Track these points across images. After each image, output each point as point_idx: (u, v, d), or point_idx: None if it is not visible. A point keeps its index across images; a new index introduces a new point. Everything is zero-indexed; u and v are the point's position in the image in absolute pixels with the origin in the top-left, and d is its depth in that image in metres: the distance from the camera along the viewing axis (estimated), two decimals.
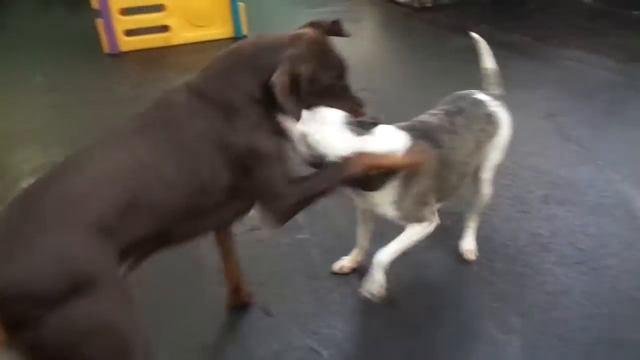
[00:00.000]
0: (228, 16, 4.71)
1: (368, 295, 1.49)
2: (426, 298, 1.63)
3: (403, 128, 1.50)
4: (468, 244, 1.79)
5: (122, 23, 4.43)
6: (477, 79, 1.80)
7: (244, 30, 4.81)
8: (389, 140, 1.42)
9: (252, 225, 2.02)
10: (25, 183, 2.32)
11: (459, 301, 1.61)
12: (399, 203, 1.46)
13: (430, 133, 1.52)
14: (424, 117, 1.61)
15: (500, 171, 1.96)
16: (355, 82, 1.40)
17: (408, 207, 1.48)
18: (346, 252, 1.83)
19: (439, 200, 1.58)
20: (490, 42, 1.78)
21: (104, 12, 4.31)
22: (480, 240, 1.83)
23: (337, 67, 1.34)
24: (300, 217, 2.02)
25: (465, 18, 2.66)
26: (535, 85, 3.05)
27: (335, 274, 1.74)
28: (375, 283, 1.47)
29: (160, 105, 1.28)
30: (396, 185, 1.44)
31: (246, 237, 1.96)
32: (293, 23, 2.56)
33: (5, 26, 5.72)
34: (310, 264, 1.82)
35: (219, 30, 4.76)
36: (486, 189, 1.75)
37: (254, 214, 1.37)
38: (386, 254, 1.48)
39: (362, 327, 1.56)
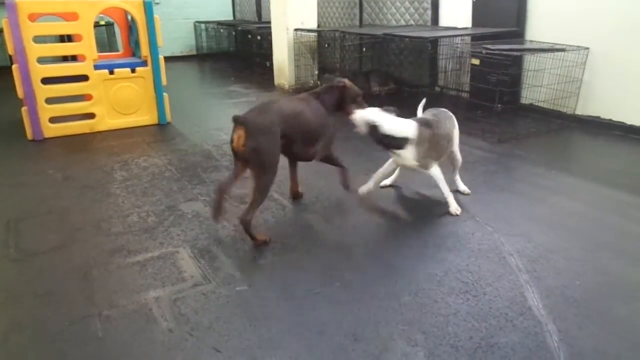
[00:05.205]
0: (153, 105, 5.04)
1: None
2: (350, 325, 1.98)
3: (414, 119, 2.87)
4: (462, 187, 3.20)
5: (47, 111, 4.59)
6: (375, 157, 2.31)
7: (168, 117, 5.16)
8: (405, 122, 2.78)
9: (195, 282, 2.31)
10: None
11: (376, 327, 1.97)
12: (416, 157, 2.80)
13: (427, 122, 2.87)
14: (422, 116, 3.05)
15: (401, 228, 2.50)
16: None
17: (422, 160, 2.83)
18: (280, 299, 2.17)
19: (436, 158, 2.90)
20: None
21: (29, 101, 4.49)
22: (390, 281, 2.26)
23: (358, 93, 3.00)
24: (237, 272, 2.36)
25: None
26: None
27: (279, 317, 2.06)
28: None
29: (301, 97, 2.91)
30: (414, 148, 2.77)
31: (192, 291, 2.23)
32: (212, 112, 2.99)
33: None
34: (250, 310, 2.10)
35: (144, 117, 5.05)
36: (459, 156, 3.18)
37: None
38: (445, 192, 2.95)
39: (300, 352, 1.86)
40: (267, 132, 2.53)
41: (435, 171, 2.91)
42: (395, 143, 2.76)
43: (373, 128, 2.71)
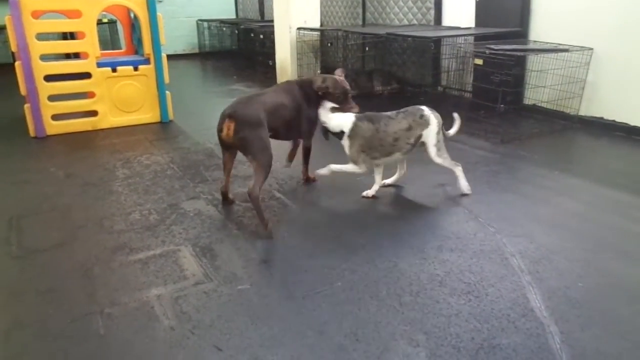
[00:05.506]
0: (156, 103, 5.04)
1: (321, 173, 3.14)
2: (351, 324, 1.98)
3: (357, 115, 3.04)
4: (463, 185, 3.13)
5: (50, 108, 4.59)
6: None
7: (170, 115, 5.16)
8: (342, 117, 3.01)
9: (197, 280, 2.31)
10: None
11: (377, 327, 1.97)
12: (348, 148, 3.01)
13: (375, 117, 2.99)
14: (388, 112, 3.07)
15: (403, 228, 2.54)
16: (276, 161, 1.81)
17: (352, 152, 3.00)
18: (281, 298, 2.17)
19: (375, 157, 3.02)
20: None
21: (31, 98, 4.49)
22: (391, 281, 2.26)
23: (343, 89, 3.10)
24: (239, 270, 2.36)
25: (369, 108, 3.28)
26: (428, 162, 3.63)
27: (280, 316, 2.06)
28: (324, 172, 3.12)
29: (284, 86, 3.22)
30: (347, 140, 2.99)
31: (194, 289, 2.23)
32: (214, 110, 3.04)
33: None
34: (251, 308, 2.10)
35: (147, 115, 5.05)
36: (437, 159, 3.05)
37: None
38: (331, 168, 3.09)
39: (302, 351, 1.86)
40: (255, 124, 2.78)
41: (352, 167, 3.04)
42: (338, 136, 3.04)
43: (323, 127, 3.06)
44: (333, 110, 3.06)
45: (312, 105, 3.13)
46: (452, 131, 3.17)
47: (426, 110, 3.06)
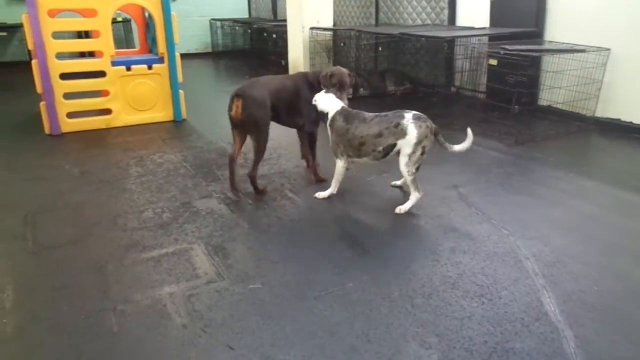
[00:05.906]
0: (169, 102, 5.07)
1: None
2: (363, 325, 1.97)
3: (343, 107, 3.04)
4: (405, 206, 2.93)
5: (65, 106, 4.64)
6: (388, 159, 2.28)
7: (184, 114, 5.19)
8: (331, 102, 3.05)
9: (209, 279, 2.31)
10: None
11: (389, 328, 1.96)
12: (330, 138, 3.06)
13: (351, 116, 2.95)
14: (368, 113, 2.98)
15: (415, 229, 2.54)
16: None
17: (332, 144, 3.04)
18: (293, 297, 2.17)
19: (349, 155, 2.99)
20: None
21: (47, 96, 4.54)
22: (403, 282, 2.25)
23: (343, 81, 3.20)
24: (251, 269, 2.36)
25: (380, 108, 3.27)
26: (441, 163, 3.63)
27: (292, 315, 2.06)
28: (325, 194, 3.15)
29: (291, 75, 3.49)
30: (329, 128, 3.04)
31: (206, 288, 2.24)
32: (225, 109, 3.05)
33: None
34: (263, 307, 2.10)
35: (160, 114, 5.08)
36: (403, 168, 2.86)
37: None
38: (331, 188, 3.15)
39: (313, 352, 1.85)
40: (260, 102, 3.05)
41: (338, 164, 3.07)
42: (324, 119, 3.08)
43: (314, 106, 3.12)
44: (327, 92, 3.11)
45: (314, 91, 3.23)
46: (459, 147, 2.93)
47: (407, 118, 2.79)
